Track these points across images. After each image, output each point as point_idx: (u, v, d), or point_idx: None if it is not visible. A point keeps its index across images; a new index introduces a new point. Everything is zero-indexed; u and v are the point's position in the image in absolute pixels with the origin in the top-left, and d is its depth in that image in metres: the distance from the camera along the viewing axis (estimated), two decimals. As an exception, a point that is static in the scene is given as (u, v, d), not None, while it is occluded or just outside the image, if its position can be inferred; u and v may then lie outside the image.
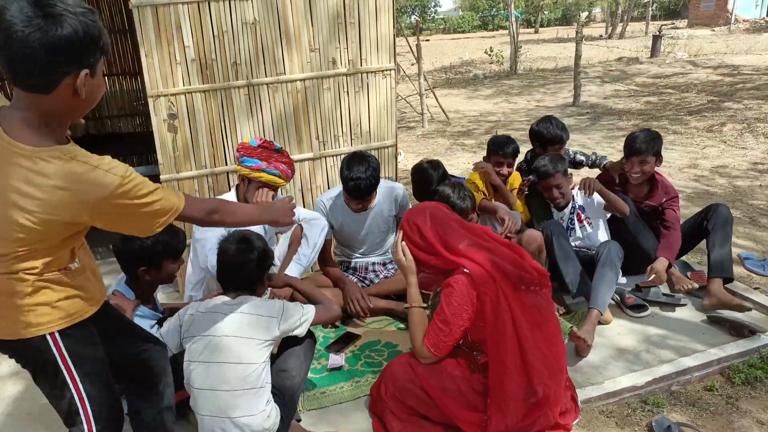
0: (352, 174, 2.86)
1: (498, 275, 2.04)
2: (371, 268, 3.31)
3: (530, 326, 2.05)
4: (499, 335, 2.02)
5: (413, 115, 10.50)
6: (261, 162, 2.61)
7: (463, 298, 2.03)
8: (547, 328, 2.11)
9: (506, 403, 2.02)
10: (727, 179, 5.63)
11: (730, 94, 10.31)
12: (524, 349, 2.02)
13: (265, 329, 2.02)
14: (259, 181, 2.65)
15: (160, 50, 3.03)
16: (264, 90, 3.32)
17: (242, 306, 2.05)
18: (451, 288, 2.06)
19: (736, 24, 26.63)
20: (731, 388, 2.52)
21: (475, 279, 2.03)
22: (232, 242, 2.13)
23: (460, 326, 2.05)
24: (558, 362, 2.13)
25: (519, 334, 2.02)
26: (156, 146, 3.18)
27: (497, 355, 2.03)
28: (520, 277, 2.08)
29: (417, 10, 50.27)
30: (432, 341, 2.09)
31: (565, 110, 10.37)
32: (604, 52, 17.93)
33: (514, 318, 2.03)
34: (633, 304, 3.06)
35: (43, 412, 2.47)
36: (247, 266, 2.12)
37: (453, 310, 2.04)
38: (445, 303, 2.06)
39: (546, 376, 2.05)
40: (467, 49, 24.16)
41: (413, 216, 2.22)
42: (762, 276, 3.52)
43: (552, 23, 46.30)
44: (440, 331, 2.07)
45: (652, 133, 3.22)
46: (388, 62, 3.58)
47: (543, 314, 2.12)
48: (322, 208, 3.17)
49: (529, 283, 2.09)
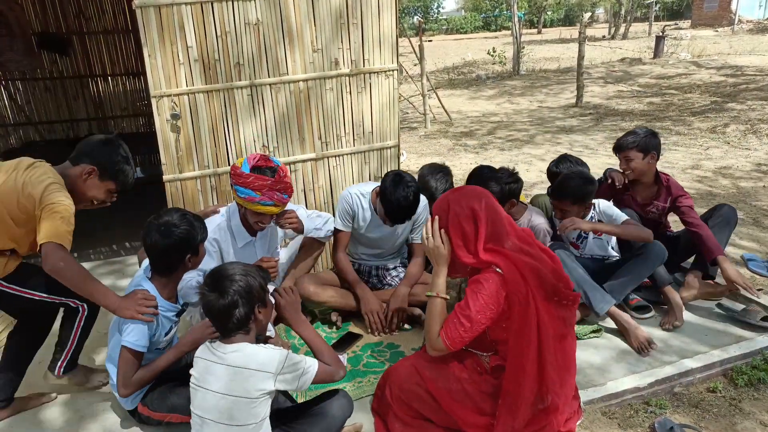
0: (401, 201, 2.75)
1: (533, 281, 2.00)
2: (374, 272, 3.29)
3: (554, 336, 2.03)
4: (523, 339, 2.00)
5: (416, 116, 10.50)
6: (254, 194, 2.50)
7: (491, 297, 1.98)
8: (567, 341, 2.10)
9: (518, 407, 2.01)
10: (730, 180, 5.61)
11: (734, 95, 10.28)
12: (544, 357, 2.01)
13: (256, 387, 1.82)
14: (254, 211, 2.59)
15: (163, 50, 3.04)
16: (267, 90, 3.32)
17: (235, 357, 1.84)
18: (480, 285, 2.00)
19: (739, 24, 26.55)
20: (734, 389, 2.51)
21: (507, 280, 1.99)
22: (208, 288, 1.88)
23: (481, 324, 2.01)
24: (570, 376, 2.13)
25: (542, 341, 2.00)
26: (159, 146, 3.18)
27: (518, 359, 2.01)
28: (556, 289, 2.04)
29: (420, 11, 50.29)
30: (450, 334, 2.02)
31: (568, 111, 10.36)
32: (607, 53, 17.92)
33: (540, 325, 2.00)
34: (637, 305, 3.05)
35: (37, 413, 2.48)
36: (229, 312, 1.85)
37: (479, 307, 1.98)
38: (472, 299, 2.00)
39: (558, 385, 2.05)
40: (470, 50, 24.16)
41: (467, 199, 2.06)
42: (766, 277, 3.51)
43: (555, 24, 46.23)
44: (461, 326, 2.00)
45: (642, 129, 3.23)
46: (390, 63, 3.57)
47: (567, 329, 2.11)
48: (350, 201, 3.07)
49: (562, 297, 2.05)
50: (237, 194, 2.55)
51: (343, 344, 2.88)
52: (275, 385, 1.83)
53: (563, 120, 9.59)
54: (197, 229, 2.21)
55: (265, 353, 1.85)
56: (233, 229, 2.74)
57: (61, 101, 6.56)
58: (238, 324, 1.87)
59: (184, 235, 2.15)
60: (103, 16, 6.47)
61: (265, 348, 1.88)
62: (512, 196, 2.97)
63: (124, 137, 6.38)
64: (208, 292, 1.88)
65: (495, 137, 8.57)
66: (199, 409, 1.89)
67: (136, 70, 6.73)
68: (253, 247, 2.83)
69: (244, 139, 3.34)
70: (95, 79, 6.68)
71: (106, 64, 6.67)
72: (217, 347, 1.89)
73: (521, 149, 7.62)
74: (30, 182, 2.12)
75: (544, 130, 8.81)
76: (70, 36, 6.38)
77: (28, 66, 5.81)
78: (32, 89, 6.43)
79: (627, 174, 3.23)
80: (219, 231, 2.71)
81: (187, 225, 2.17)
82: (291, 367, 1.86)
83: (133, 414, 2.30)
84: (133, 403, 2.26)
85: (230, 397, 1.82)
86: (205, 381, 1.87)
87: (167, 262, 2.21)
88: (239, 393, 1.82)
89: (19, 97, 6.44)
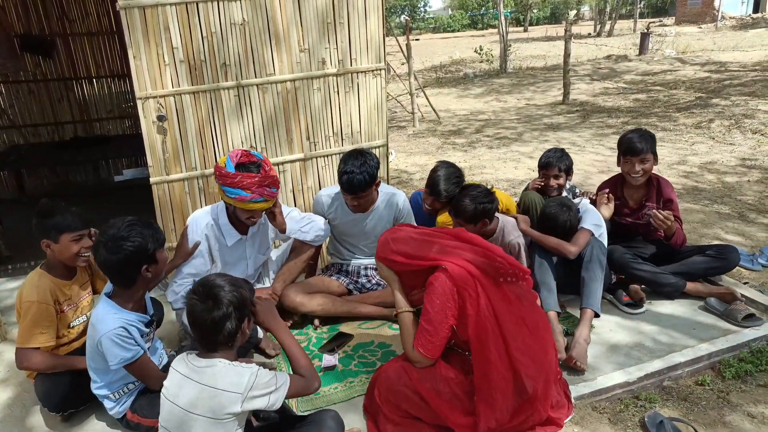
0: (347, 167, 2.85)
1: (475, 271, 2.06)
2: (363, 273, 3.29)
3: (514, 320, 2.06)
4: (481, 330, 2.03)
5: (404, 115, 10.51)
6: (245, 193, 2.48)
7: (444, 295, 2.04)
8: (532, 320, 2.12)
9: (494, 398, 2.02)
10: (715, 175, 5.67)
11: (718, 90, 10.40)
12: (508, 343, 2.03)
13: (222, 407, 1.73)
14: (246, 210, 2.57)
15: (148, 52, 3.01)
16: (253, 91, 3.31)
17: (205, 374, 1.76)
18: (432, 286, 2.07)
19: (722, 21, 26.85)
20: (722, 382, 2.54)
21: (453, 275, 2.04)
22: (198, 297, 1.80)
23: (444, 324, 2.05)
24: (545, 354, 2.13)
25: (502, 328, 2.03)
26: (145, 148, 3.16)
27: (481, 351, 2.04)
28: (496, 269, 2.09)
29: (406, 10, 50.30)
30: (420, 342, 2.09)
31: (555, 108, 10.41)
32: (593, 50, 18.02)
33: (496, 313, 2.04)
34: (629, 302, 3.08)
35: (35, 417, 2.45)
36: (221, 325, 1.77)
37: (436, 307, 2.04)
38: (428, 302, 2.06)
39: (533, 368, 2.05)
40: (457, 48, 24.22)
41: (380, 253, 2.25)
42: (751, 271, 3.55)
43: (541, 22, 46.52)
44: (426, 332, 2.07)
45: (646, 131, 3.24)
46: (377, 62, 3.57)
47: (526, 307, 2.13)
48: (322, 204, 3.16)
49: (505, 275, 2.10)
50: (226, 195, 2.53)
51: (333, 344, 2.87)
52: (243, 406, 1.73)
53: (550, 117, 9.64)
54: (148, 238, 2.07)
55: (234, 371, 1.76)
56: (222, 228, 2.73)
57: (46, 104, 6.48)
58: (226, 338, 1.79)
59: (135, 247, 2.03)
60: (87, 18, 6.40)
61: (235, 366, 1.78)
62: (485, 215, 2.87)
63: (109, 140, 6.28)
64: (199, 301, 1.77)
65: (483, 135, 8.60)
66: (164, 422, 1.83)
67: (122, 72, 6.67)
68: (243, 245, 2.82)
69: (232, 140, 3.32)
70: (80, 82, 6.60)
71: (91, 66, 6.60)
72: (191, 360, 1.82)
73: (509, 147, 7.65)
74: None
75: (531, 128, 8.85)
76: (54, 38, 6.30)
77: (11, 68, 5.73)
78: (15, 92, 6.34)
79: (637, 177, 3.17)
80: (208, 230, 2.70)
81: (137, 236, 2.04)
82: (261, 385, 1.77)
83: (121, 421, 2.27)
84: (121, 410, 2.24)
85: (193, 415, 1.74)
86: (174, 394, 1.81)
87: (124, 278, 2.11)
88: (203, 412, 1.73)
89: (2, 100, 6.36)
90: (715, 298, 3.03)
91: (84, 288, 2.55)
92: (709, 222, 4.42)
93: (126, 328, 2.06)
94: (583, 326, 2.70)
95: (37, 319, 2.27)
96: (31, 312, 2.27)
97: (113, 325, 2.04)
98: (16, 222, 5.05)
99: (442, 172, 3.18)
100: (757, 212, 4.58)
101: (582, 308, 2.81)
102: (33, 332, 2.27)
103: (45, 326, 2.29)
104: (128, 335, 2.07)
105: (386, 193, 3.15)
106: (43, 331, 2.28)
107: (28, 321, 2.27)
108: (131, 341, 2.08)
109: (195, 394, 1.75)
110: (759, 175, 5.59)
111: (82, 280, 2.54)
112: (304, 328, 3.08)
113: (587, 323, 2.73)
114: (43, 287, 2.32)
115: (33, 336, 2.27)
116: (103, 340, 2.03)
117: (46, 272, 2.39)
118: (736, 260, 3.17)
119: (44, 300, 2.29)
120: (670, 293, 3.12)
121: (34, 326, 2.27)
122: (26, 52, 6.17)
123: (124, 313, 2.11)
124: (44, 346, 2.30)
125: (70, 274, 2.47)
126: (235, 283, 1.84)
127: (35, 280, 2.35)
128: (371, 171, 2.86)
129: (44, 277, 2.36)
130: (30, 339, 2.27)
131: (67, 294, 2.43)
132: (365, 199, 2.97)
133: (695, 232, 4.20)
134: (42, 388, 2.34)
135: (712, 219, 4.48)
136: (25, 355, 2.28)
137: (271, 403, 1.80)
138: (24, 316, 2.29)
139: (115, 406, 2.23)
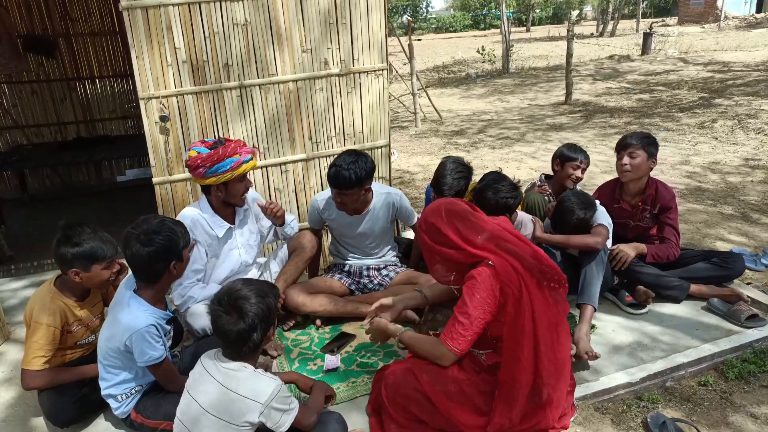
0: (336, 161, 2.89)
1: (521, 269, 2.01)
2: (365, 273, 3.28)
3: (549, 325, 2.03)
4: (518, 331, 2.00)
5: (406, 115, 10.51)
6: (236, 157, 2.60)
7: (486, 291, 1.98)
8: (561, 329, 2.10)
9: (515, 399, 2.01)
10: (719, 175, 5.66)
11: (721, 90, 10.37)
12: (539, 347, 2.00)
13: (241, 414, 1.75)
14: (241, 174, 2.66)
15: (151, 52, 3.01)
16: (256, 91, 3.31)
17: (229, 377, 1.78)
18: (474, 280, 2.00)
19: (725, 21, 26.80)
20: (725, 383, 2.53)
21: (499, 271, 1.99)
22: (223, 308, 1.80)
23: (481, 319, 2.00)
24: (564, 366, 2.13)
25: (537, 332, 2.00)
26: (148, 149, 3.16)
27: (513, 350, 2.01)
28: (542, 272, 2.04)
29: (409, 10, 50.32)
30: (451, 336, 2.03)
31: (558, 108, 10.40)
32: (596, 50, 18.01)
33: (535, 315, 2.00)
34: (631, 302, 3.07)
35: (37, 417, 2.46)
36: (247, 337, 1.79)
37: (475, 302, 1.98)
38: (467, 295, 2.00)
39: (554, 378, 2.04)
40: (459, 49, 24.21)
41: (429, 216, 2.14)
42: (755, 271, 3.54)
43: (543, 22, 46.47)
44: (459, 324, 2.01)
45: (646, 133, 3.24)
46: (380, 62, 3.57)
47: (561, 315, 2.10)
48: (317, 207, 3.18)
49: (550, 279, 2.06)
50: (219, 173, 2.60)
51: (335, 344, 2.87)
52: (260, 417, 1.75)
53: (553, 117, 9.63)
54: (179, 235, 2.12)
55: (260, 381, 1.78)
56: (209, 220, 2.77)
57: (49, 104, 6.49)
58: (252, 347, 1.81)
59: (166, 242, 2.07)
60: (90, 18, 6.41)
61: (261, 375, 1.81)
62: (506, 210, 2.82)
63: (112, 140, 6.29)
64: (223, 313, 1.77)
65: (486, 135, 8.59)
66: (181, 414, 1.84)
67: (124, 72, 6.67)
68: (233, 233, 2.86)
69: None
70: (83, 82, 6.61)
71: (94, 67, 6.61)
72: (219, 358, 1.84)
73: (512, 147, 7.64)
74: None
75: (534, 128, 8.84)
76: (57, 38, 6.32)
77: (14, 69, 5.74)
78: (18, 92, 6.35)
79: (625, 170, 3.14)
80: (195, 225, 2.73)
81: (168, 231, 2.09)
82: (281, 399, 1.80)
83: (125, 421, 2.28)
84: (126, 410, 2.24)
85: (209, 415, 1.75)
86: (196, 389, 1.82)
87: (151, 272, 2.12)
88: (219, 414, 1.74)
89: (5, 101, 6.37)
90: (718, 298, 3.02)
91: (96, 310, 2.50)
92: (712, 222, 4.40)
93: (156, 327, 2.09)
94: (583, 323, 2.72)
95: (42, 343, 2.25)
96: (39, 333, 2.25)
97: (146, 322, 2.06)
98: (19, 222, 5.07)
99: (448, 166, 3.21)
100: (760, 212, 4.57)
101: (581, 304, 2.81)
102: (37, 354, 2.25)
103: (48, 350, 2.27)
104: (158, 334, 2.09)
105: (381, 193, 3.16)
106: (46, 355, 2.27)
107: (34, 342, 2.25)
108: (160, 340, 2.10)
109: (216, 395, 1.76)
110: (762, 175, 5.57)
111: (94, 301, 2.49)
112: (306, 328, 3.08)
113: (587, 320, 2.74)
114: (54, 310, 2.29)
115: (36, 358, 2.25)
116: (135, 336, 2.03)
117: (59, 291, 2.34)
118: (740, 269, 3.17)
119: (53, 324, 2.27)
120: (675, 296, 3.11)
121: (39, 348, 2.26)
122: (29, 52, 6.19)
123: (153, 310, 2.13)
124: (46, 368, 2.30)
125: (83, 296, 2.43)
126: (260, 293, 1.83)
127: (47, 301, 2.30)
128: (359, 172, 2.85)
129: (57, 299, 2.32)
130: (33, 361, 2.25)
131: (78, 315, 2.39)
132: (350, 198, 2.94)
133: (698, 233, 4.19)
134: (47, 406, 2.31)
135: (715, 219, 4.47)
136: (30, 377, 2.27)
137: (280, 423, 1.81)
138: (31, 334, 2.27)
139: (120, 406, 2.23)
